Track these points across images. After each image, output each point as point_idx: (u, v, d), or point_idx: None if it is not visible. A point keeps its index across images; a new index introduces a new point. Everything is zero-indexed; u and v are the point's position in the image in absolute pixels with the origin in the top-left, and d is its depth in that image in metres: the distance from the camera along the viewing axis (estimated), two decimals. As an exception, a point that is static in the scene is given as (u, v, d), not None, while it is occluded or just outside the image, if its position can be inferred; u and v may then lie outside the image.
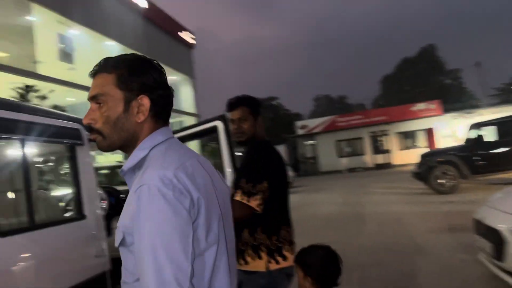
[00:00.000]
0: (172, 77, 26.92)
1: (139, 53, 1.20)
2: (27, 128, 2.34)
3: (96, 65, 1.12)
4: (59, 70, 16.07)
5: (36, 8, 14.03)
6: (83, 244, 2.60)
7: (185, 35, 27.86)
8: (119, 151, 1.14)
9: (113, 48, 19.64)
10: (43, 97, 10.97)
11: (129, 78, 1.08)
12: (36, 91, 10.91)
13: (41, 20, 14.62)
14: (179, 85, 27.76)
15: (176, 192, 0.96)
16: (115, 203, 3.79)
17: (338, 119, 28.71)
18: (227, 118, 2.63)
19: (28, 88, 10.76)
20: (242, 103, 2.27)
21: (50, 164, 2.93)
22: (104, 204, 3.77)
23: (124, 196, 3.87)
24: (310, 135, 29.22)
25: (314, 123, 29.76)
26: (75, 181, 2.70)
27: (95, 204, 2.78)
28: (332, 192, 14.84)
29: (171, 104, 1.15)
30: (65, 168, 2.82)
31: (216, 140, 3.00)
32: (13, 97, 10.62)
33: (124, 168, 1.11)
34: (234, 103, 2.28)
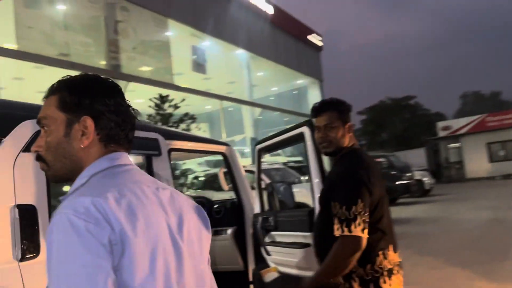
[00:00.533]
0: (300, 81, 26.94)
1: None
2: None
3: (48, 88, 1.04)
4: (194, 80, 17.24)
5: (172, 24, 15.22)
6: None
7: (313, 38, 27.60)
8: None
9: (242, 56, 20.40)
10: (176, 106, 11.71)
11: (70, 98, 0.98)
12: (170, 100, 11.70)
13: (177, 34, 15.82)
14: (307, 88, 27.64)
15: (90, 223, 0.81)
16: (208, 215, 3.56)
17: (489, 118, 25.27)
18: (312, 124, 2.40)
19: (163, 98, 11.58)
20: (329, 108, 2.02)
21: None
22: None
23: (218, 207, 3.64)
24: (454, 137, 26.32)
25: (459, 123, 26.75)
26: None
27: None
28: (480, 203, 12.84)
29: (127, 126, 1.02)
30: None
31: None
32: (150, 107, 11.58)
33: (62, 199, 0.93)
34: (319, 108, 2.06)
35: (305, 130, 2.71)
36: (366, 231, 1.75)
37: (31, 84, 14.72)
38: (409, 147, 29.30)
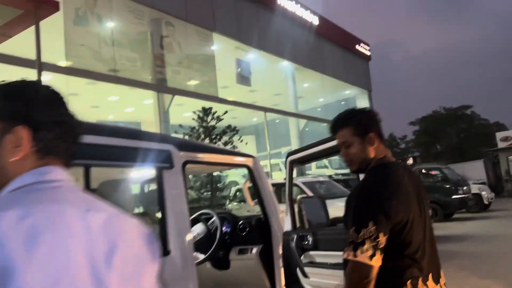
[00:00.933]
0: (348, 91, 26.32)
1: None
2: (101, 152, 2.05)
3: None
4: (240, 93, 17.27)
5: (217, 37, 15.36)
6: (165, 285, 2.17)
7: (362, 48, 26.96)
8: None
9: (287, 68, 20.23)
10: (219, 119, 11.72)
11: (3, 104, 0.87)
12: (213, 113, 11.74)
13: (221, 47, 15.95)
14: (356, 99, 26.96)
15: None
16: (231, 232, 3.34)
17: (556, 128, 23.26)
18: None
19: (206, 111, 11.64)
20: (341, 125, 1.85)
21: (138, 189, 2.66)
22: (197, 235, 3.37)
23: (243, 223, 3.40)
24: (517, 148, 24.50)
25: (521, 133, 24.87)
26: (161, 210, 2.33)
27: (185, 238, 2.34)
28: (546, 220, 11.71)
29: (68, 138, 0.92)
30: (152, 195, 2.48)
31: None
32: (193, 119, 11.65)
33: None
34: (333, 127, 1.89)
35: None
36: (376, 258, 1.54)
37: (85, 100, 15.43)
38: (466, 159, 27.70)
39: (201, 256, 3.21)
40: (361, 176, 1.92)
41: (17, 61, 9.18)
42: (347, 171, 18.75)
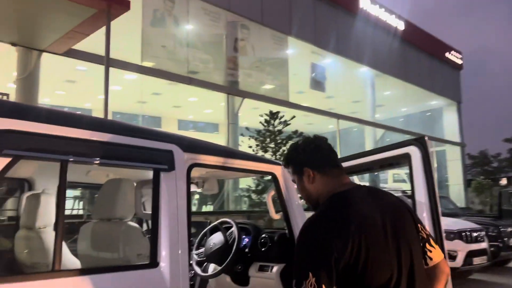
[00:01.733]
0: (434, 102, 24.52)
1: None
2: (96, 148, 1.88)
3: None
4: (315, 98, 16.81)
5: (292, 41, 15.09)
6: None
7: (452, 56, 24.95)
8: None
9: (366, 74, 19.31)
10: (286, 123, 11.42)
11: None
12: (280, 117, 11.47)
13: (296, 51, 15.64)
14: (443, 110, 25.04)
15: None
16: (252, 244, 3.02)
17: None
18: (427, 142, 2.12)
19: (273, 115, 11.40)
20: (285, 163, 1.77)
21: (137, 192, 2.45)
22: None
23: (264, 237, 3.07)
24: None
25: None
26: (153, 217, 2.10)
27: (178, 251, 2.09)
28: None
29: None
30: (148, 198, 2.27)
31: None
32: (260, 122, 11.49)
33: None
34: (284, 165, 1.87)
35: (412, 150, 2.19)
36: None
37: (168, 100, 16.09)
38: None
39: (217, 268, 2.95)
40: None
41: (89, 58, 9.65)
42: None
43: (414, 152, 2.19)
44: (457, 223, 8.42)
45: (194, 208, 13.51)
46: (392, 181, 20.98)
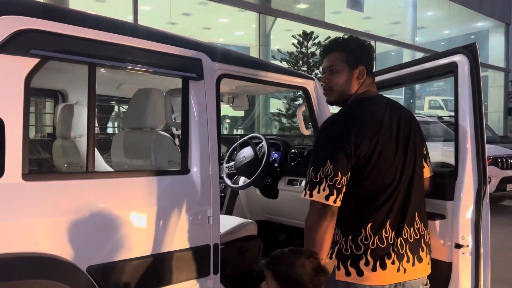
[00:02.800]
0: (480, 23, 22.84)
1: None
2: (116, 52, 1.84)
3: None
4: (351, 19, 15.96)
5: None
6: (178, 205, 2.00)
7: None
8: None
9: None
10: (320, 45, 10.99)
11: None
12: (314, 38, 11.03)
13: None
14: (489, 33, 23.39)
15: None
16: (281, 159, 3.02)
17: None
18: (477, 50, 1.95)
19: (307, 36, 10.96)
20: (334, 47, 1.71)
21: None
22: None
23: (296, 151, 3.06)
24: None
25: None
26: (183, 125, 2.09)
27: (209, 158, 2.10)
28: None
29: None
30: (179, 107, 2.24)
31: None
32: (292, 44, 11.11)
33: None
34: (324, 48, 1.78)
35: (460, 59, 1.98)
36: (333, 198, 1.49)
37: (198, 21, 15.68)
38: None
39: (247, 181, 3.00)
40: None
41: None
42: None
43: (461, 61, 1.97)
44: (493, 149, 8.21)
45: (225, 132, 13.71)
46: (428, 107, 20.39)
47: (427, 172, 1.77)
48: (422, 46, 19.73)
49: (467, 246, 1.89)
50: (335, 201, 1.50)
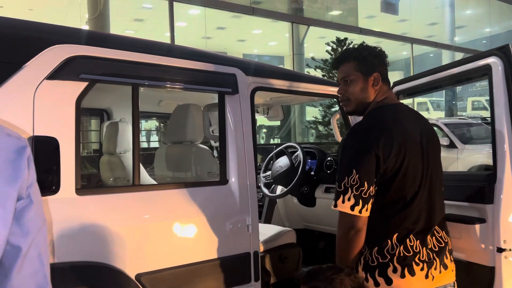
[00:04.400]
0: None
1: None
2: (152, 71, 1.96)
3: None
4: (386, 23, 15.75)
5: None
6: (218, 214, 2.08)
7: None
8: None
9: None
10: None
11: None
12: (349, 44, 10.98)
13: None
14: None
15: None
16: (318, 167, 3.05)
17: None
18: (510, 52, 1.92)
19: (341, 42, 10.94)
20: (345, 57, 1.72)
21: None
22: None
23: (332, 159, 3.08)
24: None
25: None
26: (220, 138, 2.19)
27: (246, 169, 2.18)
28: None
29: None
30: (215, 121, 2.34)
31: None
32: (326, 51, 11.11)
33: None
34: (336, 59, 1.80)
35: (494, 62, 1.97)
36: (359, 208, 1.48)
37: (232, 34, 16.00)
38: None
39: (284, 189, 3.06)
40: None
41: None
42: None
43: (495, 63, 1.96)
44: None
45: (261, 142, 13.81)
46: (471, 108, 19.68)
47: None
48: (462, 46, 19.13)
49: (510, 250, 1.86)
50: (360, 211, 1.48)
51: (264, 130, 14.76)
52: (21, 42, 1.67)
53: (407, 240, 1.51)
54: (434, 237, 1.57)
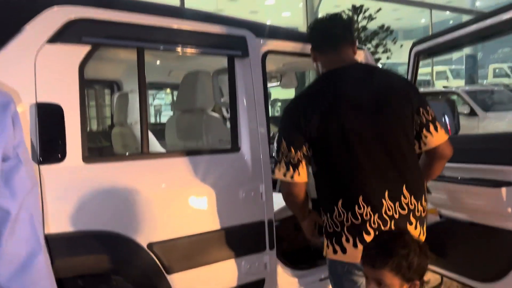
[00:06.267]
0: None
1: None
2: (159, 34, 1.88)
3: None
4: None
5: None
6: (230, 182, 2.02)
7: None
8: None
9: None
10: (370, 18, 10.58)
11: None
12: (364, 11, 10.63)
13: None
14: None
15: None
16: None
17: None
18: None
19: (357, 9, 10.58)
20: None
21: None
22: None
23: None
24: None
25: None
26: (231, 104, 2.11)
27: (258, 137, 2.10)
28: None
29: None
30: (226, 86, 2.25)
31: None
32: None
33: None
34: None
35: None
36: (290, 174, 1.53)
37: (244, 4, 15.67)
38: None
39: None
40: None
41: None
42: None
43: None
44: None
45: (276, 115, 13.69)
46: (492, 76, 19.08)
47: (433, 141, 1.57)
48: (484, 10, 18.38)
49: (539, 214, 1.77)
50: (292, 177, 1.52)
51: (279, 103, 14.61)
52: (17, 2, 1.60)
53: (355, 206, 1.47)
54: (398, 202, 1.48)
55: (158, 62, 3.15)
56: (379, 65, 11.66)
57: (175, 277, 1.82)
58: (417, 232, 1.52)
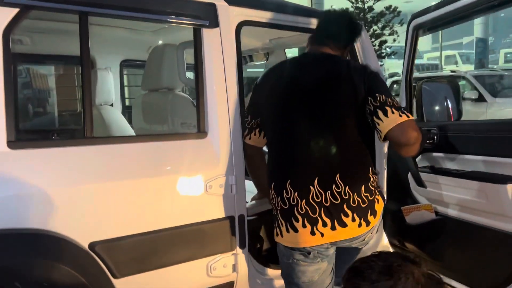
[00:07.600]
0: None
1: None
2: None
3: None
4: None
5: None
6: (194, 172, 1.75)
7: None
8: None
9: None
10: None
11: None
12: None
13: None
14: None
15: None
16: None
17: None
18: None
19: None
20: None
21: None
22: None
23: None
24: None
25: None
26: (197, 82, 1.82)
27: (228, 119, 1.82)
28: None
29: None
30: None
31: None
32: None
33: None
34: None
35: None
36: (245, 134, 1.77)
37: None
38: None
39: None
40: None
41: None
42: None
43: None
44: None
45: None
46: (503, 61, 18.57)
47: (383, 127, 1.48)
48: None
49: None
50: (244, 137, 1.77)
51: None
52: None
53: (284, 191, 1.50)
54: (329, 191, 1.47)
55: (134, 37, 2.86)
56: (387, 49, 11.23)
57: (124, 282, 1.57)
58: (355, 224, 1.48)
